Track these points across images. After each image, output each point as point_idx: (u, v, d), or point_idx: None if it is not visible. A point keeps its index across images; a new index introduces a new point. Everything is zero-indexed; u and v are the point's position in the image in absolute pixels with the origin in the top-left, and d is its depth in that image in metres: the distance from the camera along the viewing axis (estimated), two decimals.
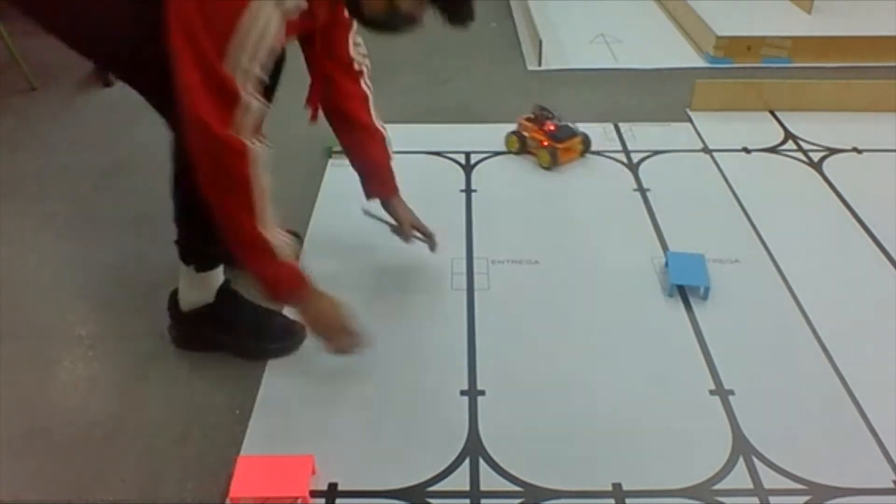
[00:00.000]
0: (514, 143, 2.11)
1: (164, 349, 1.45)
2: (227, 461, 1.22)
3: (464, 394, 1.36)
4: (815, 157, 2.11)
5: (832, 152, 2.13)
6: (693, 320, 1.52)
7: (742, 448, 1.25)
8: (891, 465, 1.22)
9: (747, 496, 1.17)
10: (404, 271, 1.63)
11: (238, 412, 1.32)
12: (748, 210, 1.86)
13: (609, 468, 1.22)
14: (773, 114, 2.33)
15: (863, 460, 1.24)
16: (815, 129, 2.23)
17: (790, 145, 2.17)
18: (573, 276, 1.64)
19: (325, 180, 1.96)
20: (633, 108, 2.36)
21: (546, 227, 1.80)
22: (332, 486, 1.19)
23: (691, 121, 2.30)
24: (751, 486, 1.19)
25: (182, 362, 1.43)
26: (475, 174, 2.02)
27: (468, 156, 2.10)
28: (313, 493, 1.17)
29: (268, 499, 1.14)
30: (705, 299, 1.57)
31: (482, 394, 1.36)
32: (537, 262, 1.69)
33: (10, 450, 1.26)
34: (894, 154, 2.11)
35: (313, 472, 1.20)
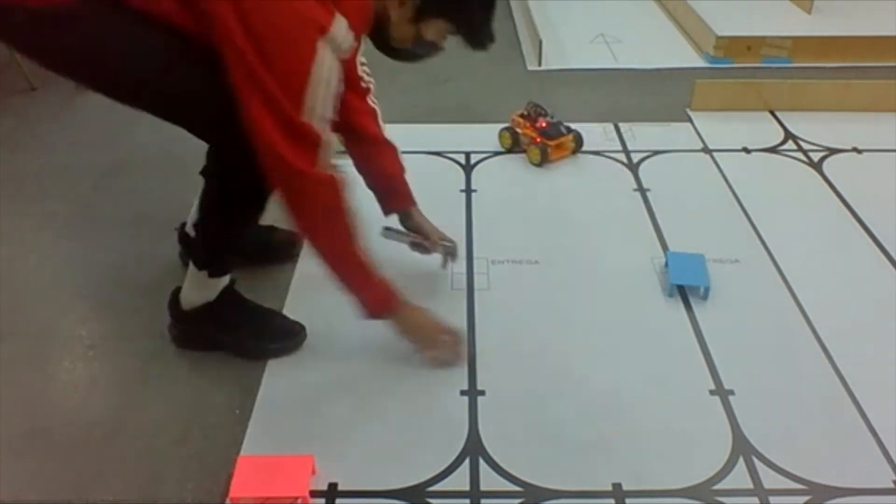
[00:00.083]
0: (507, 140, 2.11)
1: (164, 349, 1.45)
2: (227, 461, 1.22)
3: (464, 394, 1.36)
4: (815, 157, 2.11)
5: (832, 152, 2.13)
6: (693, 320, 1.52)
7: (742, 448, 1.25)
8: (891, 465, 1.22)
9: (747, 496, 1.17)
10: (404, 271, 1.62)
11: (238, 412, 1.32)
12: (748, 210, 1.86)
13: (609, 468, 1.22)
14: (773, 114, 2.33)
15: (863, 460, 1.24)
16: (815, 129, 2.23)
17: (790, 145, 2.17)
18: (573, 276, 1.64)
19: None
20: (633, 108, 2.36)
21: (546, 227, 1.80)
22: (332, 486, 1.19)
23: (691, 121, 2.30)
24: (751, 486, 1.19)
25: (182, 362, 1.43)
26: (475, 174, 2.02)
27: (468, 156, 2.10)
28: (313, 493, 1.17)
29: (268, 499, 1.14)
30: (705, 299, 1.57)
31: (482, 394, 1.36)
32: (537, 262, 1.69)
33: (10, 450, 1.26)
34: (894, 154, 2.12)
35: (313, 472, 1.20)
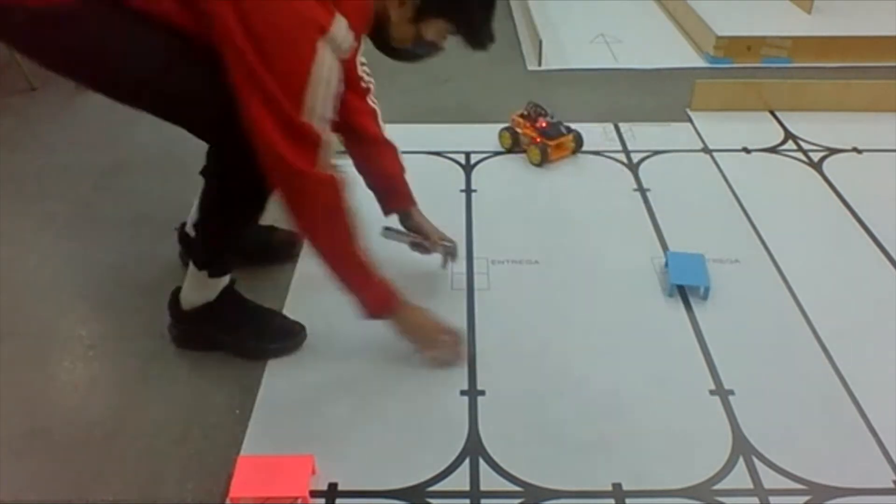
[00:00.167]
0: (507, 140, 2.11)
1: (164, 349, 1.45)
2: (227, 461, 1.22)
3: (464, 394, 1.36)
4: (815, 157, 2.11)
5: (832, 152, 2.13)
6: (693, 320, 1.52)
7: (742, 448, 1.25)
8: (891, 465, 1.22)
9: (747, 496, 1.17)
10: (404, 271, 1.62)
11: (238, 412, 1.32)
12: (748, 210, 1.86)
13: (609, 468, 1.22)
14: (773, 114, 2.33)
15: (863, 460, 1.24)
16: (815, 129, 2.23)
17: (790, 145, 2.17)
18: (573, 276, 1.64)
19: None
20: (633, 108, 2.36)
21: (546, 227, 1.80)
22: (332, 486, 1.19)
23: (691, 121, 2.30)
24: (751, 486, 1.19)
25: (182, 362, 1.43)
26: (475, 174, 2.02)
27: (468, 156, 2.10)
28: (313, 493, 1.17)
29: (268, 499, 1.14)
30: (705, 299, 1.57)
31: (482, 394, 1.36)
32: (537, 262, 1.69)
33: (10, 450, 1.26)
34: (894, 154, 2.12)
35: (313, 472, 1.20)
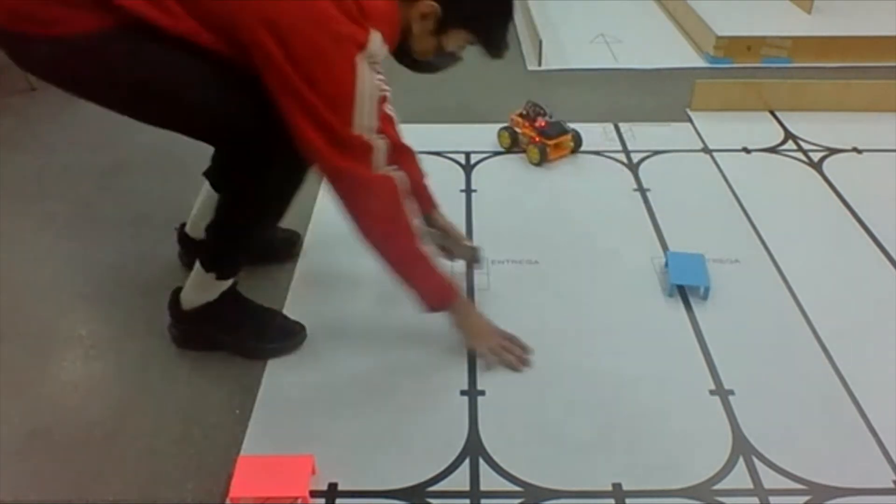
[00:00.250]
0: (506, 139, 2.11)
1: (164, 349, 1.45)
2: (227, 461, 1.22)
3: (464, 394, 1.36)
4: (815, 157, 2.11)
5: (832, 152, 2.13)
6: (693, 320, 1.52)
7: (742, 448, 1.25)
8: (891, 465, 1.22)
9: (747, 496, 1.17)
10: None
11: (238, 412, 1.32)
12: (748, 210, 1.86)
13: (609, 468, 1.22)
14: (773, 114, 2.33)
15: (863, 460, 1.24)
16: (815, 129, 2.23)
17: (790, 145, 2.17)
18: (573, 276, 1.64)
19: None
20: (633, 108, 2.36)
21: (546, 227, 1.80)
22: (332, 486, 1.19)
23: (691, 121, 2.30)
24: (751, 486, 1.19)
25: (182, 362, 1.43)
26: (475, 174, 2.02)
27: (468, 156, 2.10)
28: (313, 493, 1.17)
29: (268, 499, 1.14)
30: (705, 299, 1.57)
31: (482, 394, 1.36)
32: (537, 262, 1.69)
33: (10, 450, 1.26)
34: (894, 154, 2.12)
35: (313, 472, 1.20)
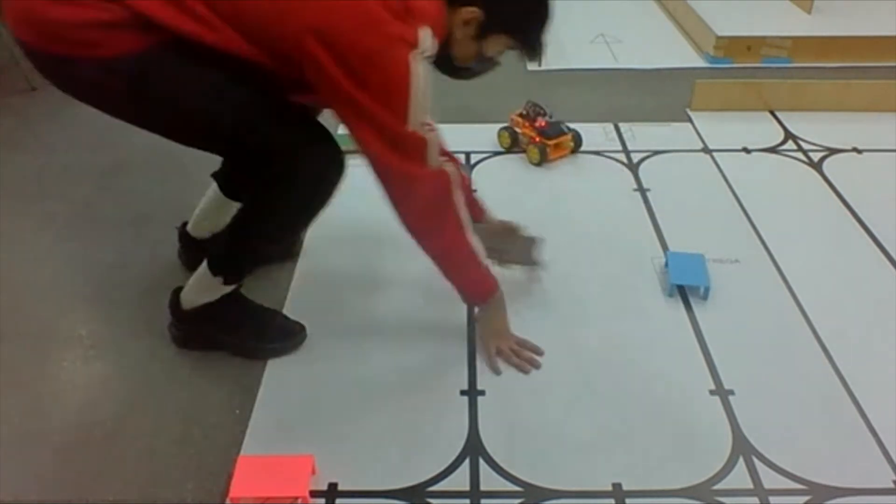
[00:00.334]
0: (506, 139, 2.11)
1: (164, 349, 1.45)
2: (227, 461, 1.22)
3: (464, 394, 1.36)
4: (815, 157, 2.11)
5: (832, 152, 2.13)
6: (693, 320, 1.52)
7: (742, 448, 1.25)
8: (891, 465, 1.22)
9: (747, 496, 1.17)
10: (404, 271, 1.63)
11: (238, 412, 1.32)
12: (748, 210, 1.86)
13: (609, 468, 1.22)
14: (773, 114, 2.33)
15: (863, 460, 1.24)
16: (815, 129, 2.23)
17: (790, 145, 2.17)
18: (573, 276, 1.64)
19: None
20: (633, 108, 2.36)
21: (546, 227, 1.80)
22: (332, 486, 1.19)
23: (691, 121, 2.30)
24: (751, 486, 1.19)
25: (182, 362, 1.43)
26: (475, 174, 2.02)
27: (468, 156, 2.10)
28: (313, 493, 1.17)
29: (268, 499, 1.14)
30: (705, 299, 1.57)
31: (482, 394, 1.36)
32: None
33: (10, 450, 1.26)
34: (894, 154, 2.12)
35: (313, 472, 1.19)
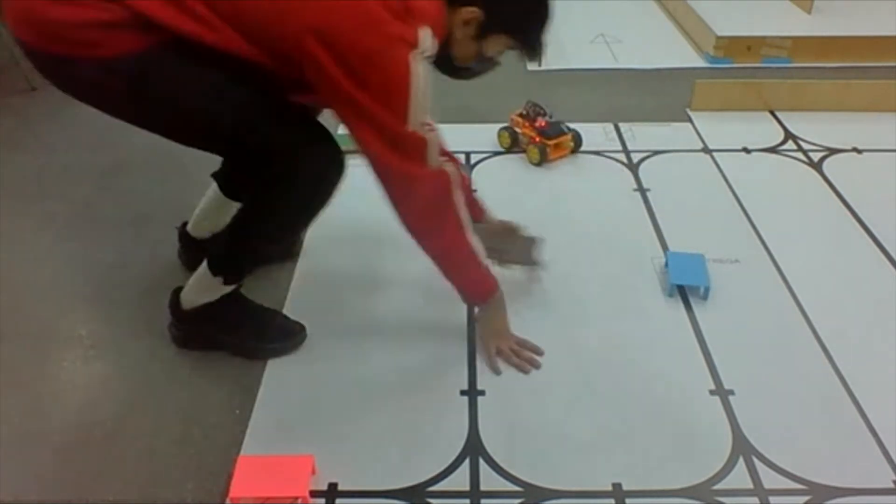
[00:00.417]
0: (506, 139, 2.11)
1: (164, 349, 1.45)
2: (227, 461, 1.22)
3: (464, 394, 1.36)
4: (815, 157, 2.11)
5: (832, 152, 2.13)
6: (693, 320, 1.52)
7: (742, 448, 1.25)
8: (891, 465, 1.22)
9: (747, 496, 1.17)
10: (404, 271, 1.63)
11: (238, 412, 1.32)
12: (748, 210, 1.86)
13: (609, 468, 1.22)
14: (773, 114, 2.33)
15: (863, 460, 1.24)
16: (815, 129, 2.23)
17: (790, 145, 2.17)
18: (573, 276, 1.64)
19: None
20: (633, 108, 2.36)
21: (546, 227, 1.80)
22: (332, 486, 1.19)
23: (691, 121, 2.30)
24: (751, 486, 1.19)
25: (182, 362, 1.43)
26: (475, 174, 2.02)
27: (468, 156, 2.10)
28: (313, 493, 1.17)
29: (268, 499, 1.14)
30: (705, 299, 1.57)
31: (482, 394, 1.36)
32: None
33: (10, 450, 1.26)
34: (894, 154, 2.12)
35: (313, 472, 1.20)
